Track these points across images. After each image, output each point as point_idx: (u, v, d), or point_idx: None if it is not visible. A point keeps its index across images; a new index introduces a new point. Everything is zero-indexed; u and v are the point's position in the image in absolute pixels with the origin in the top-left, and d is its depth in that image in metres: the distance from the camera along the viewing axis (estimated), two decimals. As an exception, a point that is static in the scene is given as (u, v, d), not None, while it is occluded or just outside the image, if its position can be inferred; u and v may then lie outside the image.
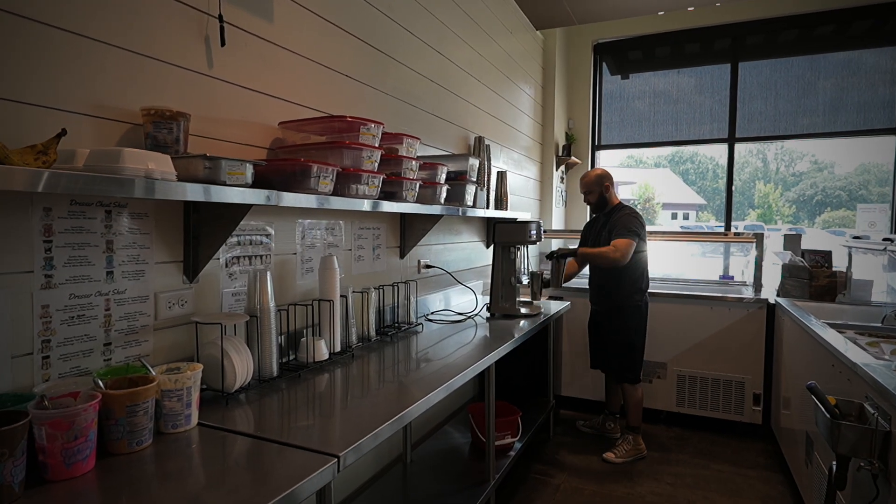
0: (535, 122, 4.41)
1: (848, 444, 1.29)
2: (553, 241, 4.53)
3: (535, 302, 2.85)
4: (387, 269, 2.31)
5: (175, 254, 1.37)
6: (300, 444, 1.03)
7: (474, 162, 2.38)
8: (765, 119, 4.61)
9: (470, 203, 2.40)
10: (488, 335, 2.22)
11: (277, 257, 1.71)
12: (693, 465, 2.77)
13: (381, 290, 2.15)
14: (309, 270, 1.83)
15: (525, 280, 2.79)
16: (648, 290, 2.89)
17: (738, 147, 4.59)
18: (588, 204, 2.96)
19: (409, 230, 2.43)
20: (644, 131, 4.91)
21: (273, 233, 1.68)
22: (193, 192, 1.07)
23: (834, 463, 1.43)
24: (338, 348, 1.74)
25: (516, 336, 2.18)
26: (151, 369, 1.09)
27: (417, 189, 1.88)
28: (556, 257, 2.82)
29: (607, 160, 5.09)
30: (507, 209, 3.17)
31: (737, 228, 4.65)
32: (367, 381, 1.57)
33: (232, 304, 1.54)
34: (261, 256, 1.64)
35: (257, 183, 1.30)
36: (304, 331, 1.74)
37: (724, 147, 4.61)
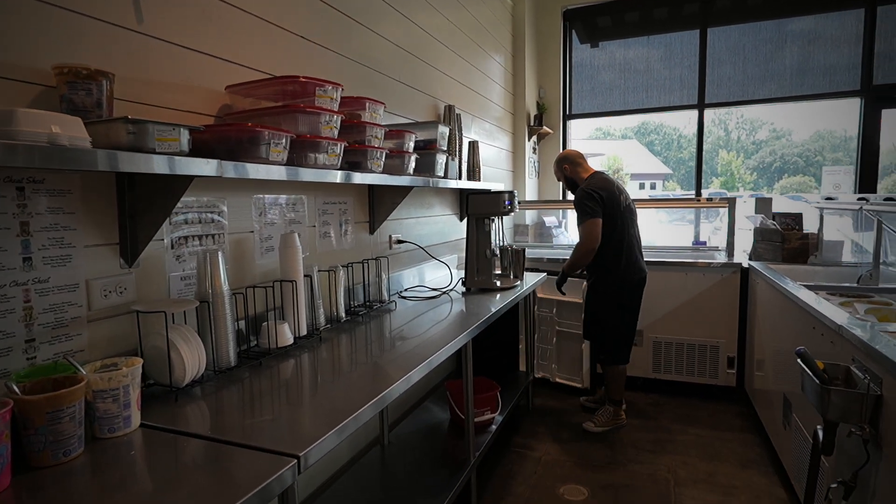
0: (506, 91, 4.26)
1: (838, 410, 1.26)
2: (527, 212, 4.46)
3: (510, 275, 2.77)
4: (356, 246, 2.18)
5: (109, 235, 1.21)
6: (255, 445, 0.91)
7: (444, 130, 2.25)
8: (733, 84, 4.58)
9: (441, 174, 2.27)
10: (465, 310, 2.13)
11: (233, 236, 1.56)
12: (671, 430, 2.79)
13: (349, 268, 2.02)
14: (269, 250, 1.69)
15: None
16: (633, 266, 2.76)
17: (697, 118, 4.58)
18: (560, 181, 2.94)
19: (379, 204, 2.29)
20: (615, 100, 4.83)
21: (226, 210, 1.53)
22: (113, 162, 0.91)
23: (820, 428, 1.41)
24: (303, 332, 1.62)
25: (493, 310, 2.09)
26: (80, 367, 0.95)
27: (384, 159, 1.74)
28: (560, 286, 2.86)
29: (578, 130, 5.01)
30: (479, 180, 3.05)
31: (701, 196, 4.66)
32: (337, 364, 1.46)
33: (182, 290, 1.39)
34: (213, 236, 1.49)
35: (198, 152, 1.14)
36: (266, 315, 1.61)
37: (689, 117, 4.58)
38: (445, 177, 2.37)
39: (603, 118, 4.91)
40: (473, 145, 3.04)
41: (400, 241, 2.52)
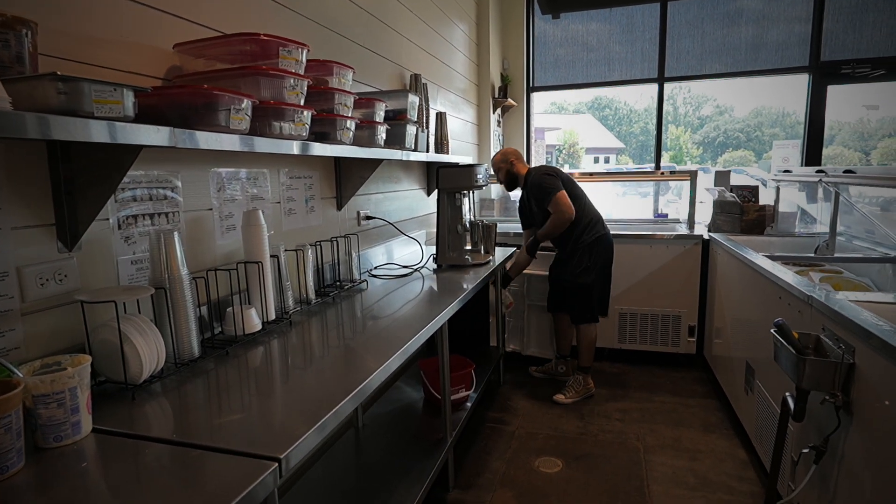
0: (470, 61, 4.13)
1: (812, 379, 1.29)
2: (493, 186, 4.40)
3: (481, 251, 2.72)
4: (323, 223, 2.05)
5: (43, 215, 1.05)
6: (228, 448, 0.82)
7: (414, 99, 2.13)
8: (692, 58, 4.62)
9: (411, 146, 2.16)
10: (438, 289, 2.06)
11: (189, 214, 1.41)
12: (638, 399, 2.87)
13: (318, 247, 1.91)
14: (230, 228, 1.55)
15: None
16: (595, 225, 2.80)
17: (653, 92, 4.63)
18: (501, 184, 2.91)
19: (346, 178, 2.17)
20: (577, 72, 4.80)
21: (180, 185, 1.38)
22: (44, 127, 0.77)
23: (790, 396, 1.45)
24: (272, 316, 1.51)
25: (468, 288, 2.04)
26: (15, 369, 0.82)
27: (353, 129, 1.62)
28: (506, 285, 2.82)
29: (540, 103, 4.97)
30: (448, 153, 2.96)
31: (660, 169, 4.75)
32: (309, 350, 1.36)
33: (133, 275, 1.25)
34: (167, 214, 1.34)
35: (145, 118, 1.00)
36: (231, 299, 1.49)
37: (641, 92, 4.60)
38: (415, 149, 2.26)
39: (562, 91, 4.87)
40: (441, 117, 2.93)
41: (369, 218, 2.41)
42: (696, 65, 4.58)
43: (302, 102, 1.36)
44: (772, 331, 1.47)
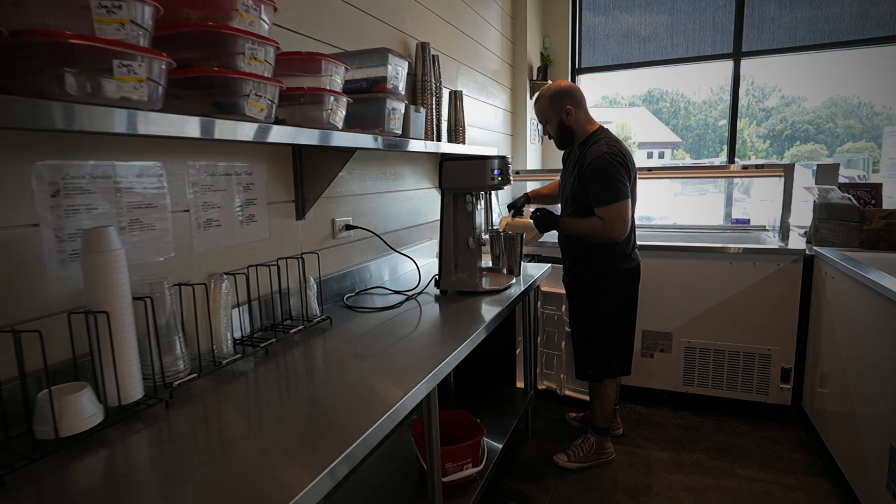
0: (503, 37, 3.48)
1: None
2: (528, 183, 3.73)
3: (502, 270, 2.08)
4: (272, 238, 1.49)
5: None
6: None
7: (400, 65, 1.52)
8: (778, 28, 3.77)
9: (397, 129, 1.56)
10: (434, 327, 1.46)
11: (-2, 234, 0.88)
12: (714, 471, 2.14)
13: (251, 274, 1.35)
14: (76, 256, 1.01)
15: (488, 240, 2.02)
16: (636, 249, 2.10)
17: (711, 83, 3.80)
18: (549, 137, 2.09)
19: (309, 174, 1.60)
20: (633, 49, 4.03)
21: (-19, 186, 0.84)
22: None
23: None
24: (134, 394, 0.95)
25: (475, 330, 1.42)
26: None
27: (276, 99, 1.03)
28: (514, 212, 2.10)
29: (590, 92, 4.23)
30: (463, 142, 2.33)
31: (734, 162, 3.93)
32: (185, 454, 0.79)
33: None
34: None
35: None
36: (46, 377, 0.94)
37: (699, 85, 3.82)
38: (406, 134, 1.66)
39: (615, 75, 4.10)
40: (456, 97, 2.31)
41: (350, 227, 1.83)
42: (784, 36, 3.73)
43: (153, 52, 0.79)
44: None
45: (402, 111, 1.56)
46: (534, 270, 2.22)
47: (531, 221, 2.19)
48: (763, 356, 2.49)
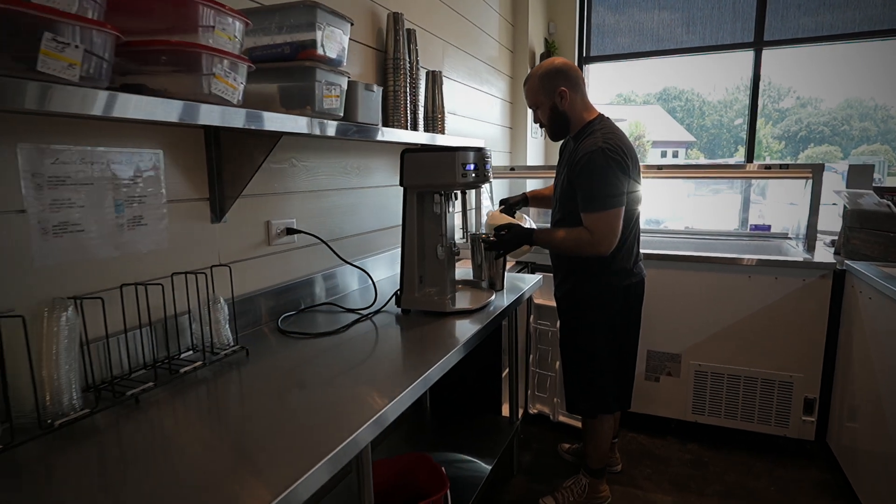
0: (503, 19, 3.15)
1: None
2: (527, 181, 3.40)
3: (482, 283, 1.76)
4: (173, 246, 1.17)
5: None
6: None
7: (335, 24, 1.18)
8: (805, 14, 3.42)
9: (336, 110, 1.23)
10: (386, 358, 1.13)
11: None
12: (725, 522, 1.82)
13: (131, 294, 1.03)
14: None
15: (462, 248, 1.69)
16: (640, 262, 1.76)
17: (727, 82, 3.57)
18: (541, 127, 1.75)
19: (231, 165, 1.27)
20: (647, 37, 3.68)
21: None
22: None
23: None
24: None
25: (437, 361, 1.10)
26: None
27: (107, 50, 0.71)
28: (504, 207, 1.77)
29: (598, 92, 3.88)
30: (442, 132, 2.00)
31: (752, 162, 3.61)
32: None
33: None
34: None
35: None
36: None
37: (714, 84, 3.59)
38: (352, 118, 1.33)
39: (629, 71, 3.75)
40: (433, 79, 1.98)
41: (292, 231, 1.51)
42: (810, 24, 3.38)
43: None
44: None
45: (344, 87, 1.23)
46: (521, 283, 1.89)
47: (525, 223, 1.87)
48: (784, 384, 2.16)
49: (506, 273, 1.84)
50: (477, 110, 2.78)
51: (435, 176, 1.43)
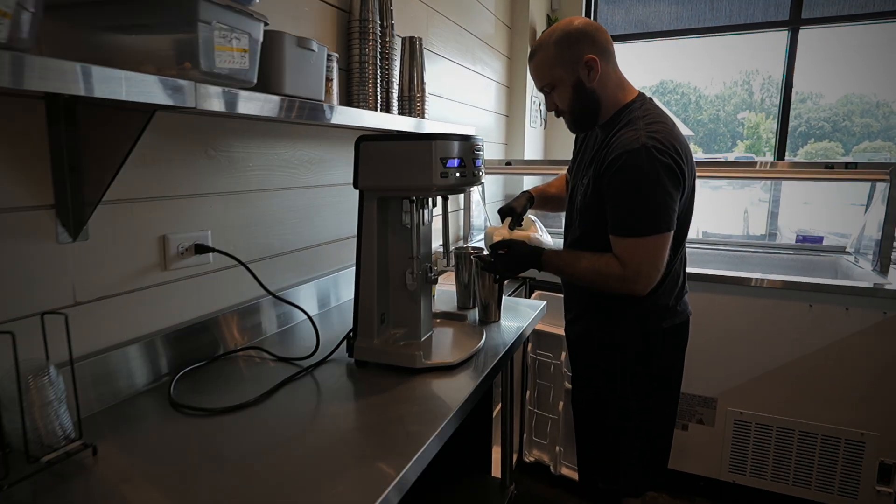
0: (500, -10, 2.70)
1: None
2: (524, 178, 2.95)
3: (468, 317, 1.32)
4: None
5: None
6: None
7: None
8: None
9: (242, 71, 0.79)
10: (323, 450, 0.70)
11: None
12: None
13: None
14: None
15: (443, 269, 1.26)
16: (686, 294, 1.30)
17: (724, 76, 3.36)
18: (556, 115, 1.25)
19: (90, 155, 0.84)
20: (663, 13, 3.23)
21: None
22: None
23: None
24: None
25: (401, 475, 0.67)
26: None
27: None
28: (511, 220, 1.34)
29: None
30: (422, 116, 1.56)
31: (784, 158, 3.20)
32: None
33: None
34: None
35: None
36: None
37: (712, 78, 3.24)
38: (271, 86, 0.89)
39: (640, 45, 3.31)
40: (411, 47, 1.53)
41: (204, 250, 1.07)
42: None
43: None
44: None
45: (258, 38, 0.79)
46: (519, 312, 1.45)
47: (540, 236, 1.44)
48: (853, 443, 1.72)
49: (502, 299, 1.41)
50: (468, 94, 2.34)
51: (403, 175, 0.99)
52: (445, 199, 1.14)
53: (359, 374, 1.06)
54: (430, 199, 1.11)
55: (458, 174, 0.99)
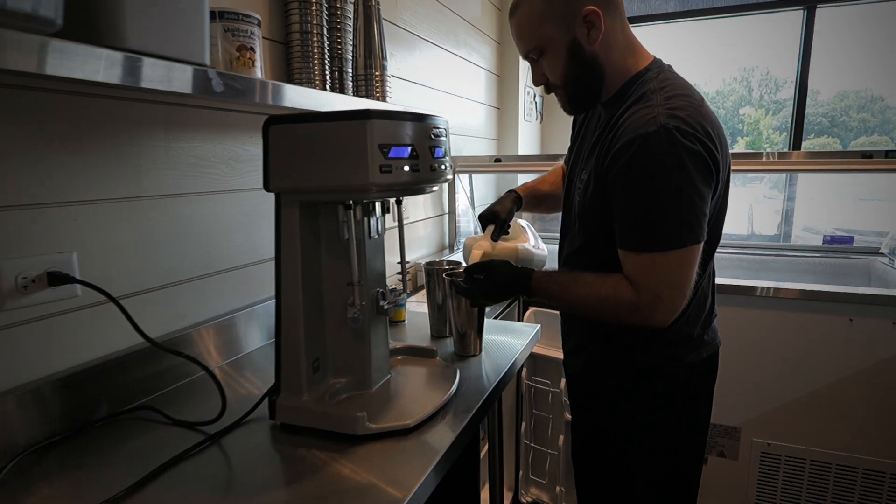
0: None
1: None
2: (518, 177, 2.67)
3: (437, 352, 1.04)
4: None
5: None
6: None
7: None
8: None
9: (43, 11, 0.50)
10: None
11: None
12: None
13: None
14: None
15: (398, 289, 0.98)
16: (715, 319, 1.03)
17: (723, 73, 3.11)
18: (546, 90, 0.95)
19: None
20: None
21: None
22: None
23: None
24: None
25: None
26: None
27: None
28: (494, 229, 1.05)
29: None
30: (382, 98, 1.27)
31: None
32: None
33: None
34: None
35: None
36: None
37: (711, 74, 3.14)
38: (92, 34, 0.60)
39: (646, 30, 3.05)
40: (365, 10, 1.24)
41: (61, 280, 0.78)
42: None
43: None
44: None
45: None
46: (507, 339, 1.17)
47: (531, 247, 1.15)
48: (899, 478, 1.46)
49: (484, 325, 1.13)
50: (451, 82, 2.05)
51: (330, 169, 0.71)
52: (399, 203, 0.85)
53: (286, 441, 0.78)
54: (375, 204, 0.82)
55: (407, 167, 0.71)
